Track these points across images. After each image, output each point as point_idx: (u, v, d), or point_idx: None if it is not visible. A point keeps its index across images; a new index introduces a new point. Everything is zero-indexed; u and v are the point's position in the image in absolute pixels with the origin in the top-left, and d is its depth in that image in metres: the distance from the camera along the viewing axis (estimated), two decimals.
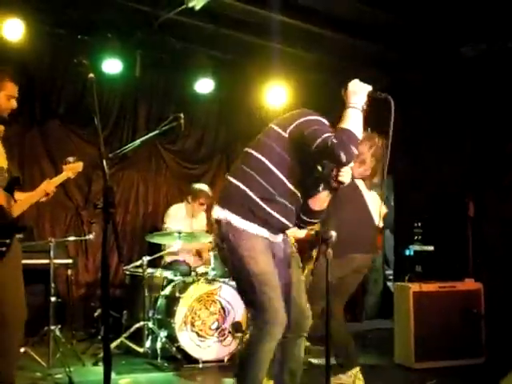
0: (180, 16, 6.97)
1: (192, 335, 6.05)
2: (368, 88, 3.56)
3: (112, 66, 7.47)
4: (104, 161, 2.93)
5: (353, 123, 3.48)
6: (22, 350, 5.51)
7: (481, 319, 6.21)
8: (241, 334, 6.10)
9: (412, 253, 7.30)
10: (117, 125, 8.45)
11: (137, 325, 6.29)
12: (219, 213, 3.69)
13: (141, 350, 6.18)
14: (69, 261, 7.02)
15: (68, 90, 7.94)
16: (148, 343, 6.25)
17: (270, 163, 3.66)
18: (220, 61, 8.16)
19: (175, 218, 7.43)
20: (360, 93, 3.54)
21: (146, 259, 6.47)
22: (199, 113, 9.05)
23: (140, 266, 6.54)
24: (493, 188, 7.29)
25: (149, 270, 6.56)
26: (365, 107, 3.52)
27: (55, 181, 4.65)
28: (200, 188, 7.54)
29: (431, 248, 7.38)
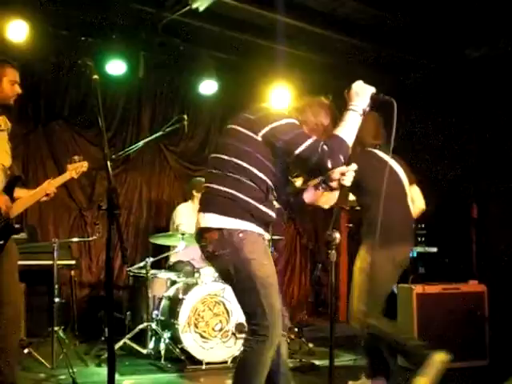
0: (184, 17, 6.97)
1: (195, 336, 6.05)
2: (372, 90, 3.54)
3: (116, 68, 7.46)
4: (108, 162, 2.93)
5: (348, 129, 3.49)
6: (26, 351, 5.54)
7: (484, 321, 6.20)
8: (244, 336, 6.09)
9: (415, 254, 7.31)
10: (120, 126, 8.46)
11: (140, 326, 6.30)
12: (216, 220, 3.57)
13: (144, 351, 6.19)
14: (72, 262, 7.03)
15: (72, 92, 7.95)
16: (151, 344, 6.26)
17: (250, 166, 3.59)
18: (224, 62, 8.15)
19: (185, 216, 7.42)
20: (363, 94, 3.52)
21: (150, 260, 6.48)
22: (203, 114, 9.06)
23: (143, 267, 6.54)
24: (497, 189, 7.29)
25: (152, 271, 6.56)
26: (367, 110, 3.50)
27: (57, 181, 4.65)
28: (202, 180, 7.55)
29: (435, 249, 7.39)
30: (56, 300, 5.87)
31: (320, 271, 9.59)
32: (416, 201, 5.09)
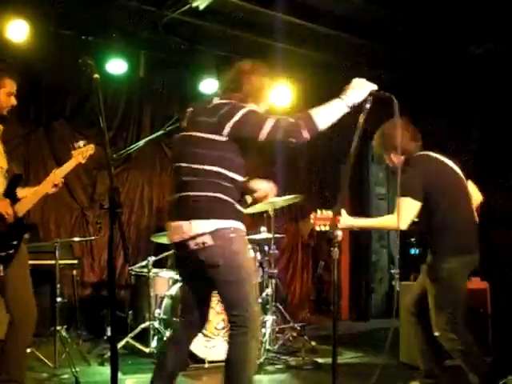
0: (184, 16, 6.97)
1: (198, 335, 6.03)
2: (371, 87, 3.56)
3: (117, 67, 7.46)
4: (109, 161, 2.93)
5: (324, 110, 3.60)
6: (29, 351, 5.52)
7: (487, 318, 6.19)
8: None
9: (417, 252, 7.30)
10: (121, 125, 8.44)
11: (142, 325, 6.30)
12: (207, 225, 3.64)
13: (147, 350, 6.19)
14: (74, 261, 7.02)
15: (73, 91, 7.94)
16: (154, 343, 6.25)
17: (224, 169, 3.70)
18: (225, 60, 8.13)
19: None
20: (360, 90, 3.57)
21: (152, 259, 6.48)
22: None
23: (145, 266, 6.54)
24: (500, 186, 7.28)
25: (154, 270, 6.56)
26: (368, 107, 3.48)
27: (63, 170, 4.59)
28: None
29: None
30: (58, 299, 5.87)
31: (322, 269, 9.60)
32: (473, 194, 4.91)
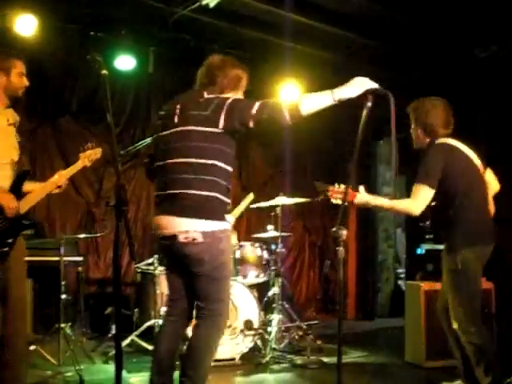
0: (194, 13, 6.95)
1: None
2: (371, 86, 3.58)
3: (125, 63, 7.46)
4: (116, 158, 2.91)
5: (312, 99, 3.67)
6: (33, 348, 5.52)
7: (492, 318, 6.16)
8: (253, 332, 6.08)
9: (423, 251, 7.28)
10: (129, 122, 8.43)
11: (148, 323, 6.30)
12: (198, 224, 3.73)
13: (151, 348, 6.16)
14: (79, 258, 7.02)
15: (81, 87, 7.93)
16: None
17: (219, 162, 3.83)
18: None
19: None
20: (355, 87, 3.60)
21: (158, 257, 6.46)
22: None
23: (151, 264, 6.53)
24: (505, 187, 7.24)
25: (160, 268, 6.53)
26: (369, 105, 3.50)
27: (68, 172, 4.60)
28: None
29: (443, 246, 7.35)
30: (63, 297, 5.87)
31: (328, 268, 9.58)
32: (491, 183, 4.93)
